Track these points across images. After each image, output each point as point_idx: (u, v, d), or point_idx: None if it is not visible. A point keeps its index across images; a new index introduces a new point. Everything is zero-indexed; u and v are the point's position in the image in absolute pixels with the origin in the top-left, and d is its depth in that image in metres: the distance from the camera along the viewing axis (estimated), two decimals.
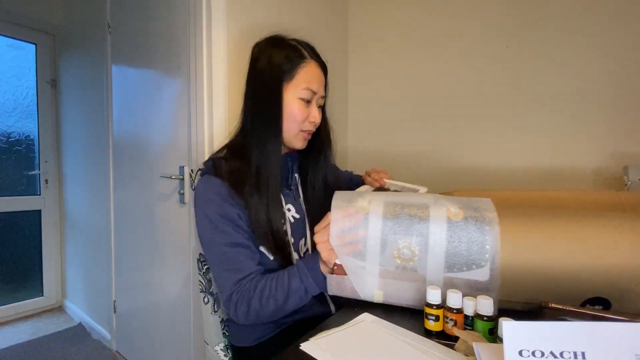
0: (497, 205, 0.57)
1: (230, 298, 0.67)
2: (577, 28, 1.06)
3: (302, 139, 0.77)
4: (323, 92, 0.77)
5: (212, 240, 0.69)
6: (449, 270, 0.54)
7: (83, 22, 1.89)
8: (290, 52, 0.73)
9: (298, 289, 0.64)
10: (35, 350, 1.70)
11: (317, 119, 0.75)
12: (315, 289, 0.64)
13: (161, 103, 1.29)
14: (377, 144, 1.53)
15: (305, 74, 0.72)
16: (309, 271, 0.64)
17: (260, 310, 0.64)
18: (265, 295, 0.64)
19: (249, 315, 0.66)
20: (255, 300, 0.65)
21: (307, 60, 0.73)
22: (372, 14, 1.54)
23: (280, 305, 0.64)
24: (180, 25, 1.16)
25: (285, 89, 0.72)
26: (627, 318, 0.48)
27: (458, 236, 0.54)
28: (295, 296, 0.64)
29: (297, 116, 0.73)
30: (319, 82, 0.75)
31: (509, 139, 1.20)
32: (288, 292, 0.64)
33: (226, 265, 0.68)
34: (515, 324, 0.34)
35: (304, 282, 0.64)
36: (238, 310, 0.66)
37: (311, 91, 0.73)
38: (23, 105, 2.12)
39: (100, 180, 1.72)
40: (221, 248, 0.68)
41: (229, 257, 0.67)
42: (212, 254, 0.70)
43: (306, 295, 0.65)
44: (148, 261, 1.40)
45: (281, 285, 0.65)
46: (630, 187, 0.89)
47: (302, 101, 0.73)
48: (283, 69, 0.72)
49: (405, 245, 0.56)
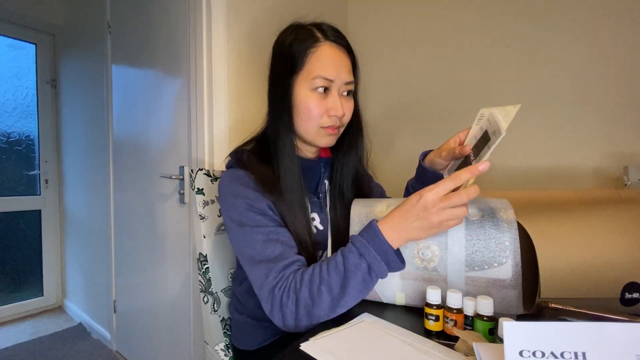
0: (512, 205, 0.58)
1: (273, 294, 0.53)
2: (577, 28, 1.06)
3: (325, 136, 0.65)
4: (347, 78, 0.64)
5: (242, 234, 0.59)
6: (470, 269, 0.54)
7: (83, 22, 1.89)
8: (301, 37, 0.63)
9: (357, 267, 0.50)
10: (35, 350, 1.70)
11: (339, 111, 0.63)
12: (381, 266, 0.50)
13: (161, 103, 1.29)
14: (376, 143, 1.53)
15: (318, 59, 0.62)
16: (369, 242, 0.50)
17: (313, 306, 0.51)
18: (316, 284, 0.51)
19: (299, 314, 0.51)
20: (305, 294, 0.51)
21: (320, 42, 0.62)
22: (372, 13, 1.54)
23: (337, 295, 0.50)
24: (180, 25, 1.16)
25: (296, 81, 0.63)
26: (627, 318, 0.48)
27: (477, 234, 0.54)
28: (356, 280, 0.50)
29: (312, 111, 0.62)
30: (336, 67, 0.62)
31: (508, 139, 1.19)
32: (345, 274, 0.50)
33: (261, 257, 0.57)
34: (516, 324, 0.34)
35: (364, 257, 0.50)
36: (285, 310, 0.52)
37: (325, 79, 0.61)
38: (23, 105, 2.12)
39: (100, 180, 1.72)
40: (254, 240, 0.58)
41: (264, 249, 0.57)
42: (244, 248, 0.59)
43: (370, 275, 0.50)
44: (148, 261, 1.40)
45: (334, 267, 0.51)
46: (630, 187, 0.89)
47: (316, 92, 0.62)
48: (292, 58, 0.62)
49: (425, 246, 0.56)
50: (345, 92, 0.66)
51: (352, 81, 0.66)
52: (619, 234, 0.56)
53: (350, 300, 0.52)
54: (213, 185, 0.87)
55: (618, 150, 1.01)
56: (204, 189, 0.86)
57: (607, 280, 0.53)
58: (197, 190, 0.86)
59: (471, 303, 0.50)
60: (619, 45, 1.00)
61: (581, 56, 1.06)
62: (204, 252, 0.85)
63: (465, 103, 1.29)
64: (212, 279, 0.84)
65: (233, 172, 0.65)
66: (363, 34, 1.57)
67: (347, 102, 0.66)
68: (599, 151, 1.04)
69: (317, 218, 0.69)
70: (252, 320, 0.75)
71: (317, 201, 0.70)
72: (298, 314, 0.52)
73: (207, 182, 0.87)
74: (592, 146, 1.05)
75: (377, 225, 0.51)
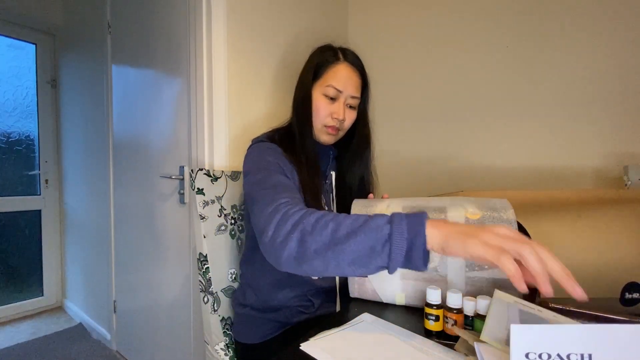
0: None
1: (275, 212, 0.51)
2: (577, 28, 1.06)
3: (325, 134, 0.80)
4: (353, 93, 0.79)
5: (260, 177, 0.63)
6: (470, 269, 0.54)
7: (83, 22, 1.89)
8: (326, 55, 0.79)
9: (377, 228, 0.43)
10: (35, 350, 1.70)
11: (340, 115, 0.77)
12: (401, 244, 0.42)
13: (161, 103, 1.29)
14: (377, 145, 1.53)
15: (333, 73, 0.78)
16: (407, 216, 0.44)
17: (311, 231, 0.46)
18: (326, 217, 0.47)
19: (291, 235, 0.47)
20: (311, 218, 0.48)
21: (339, 62, 0.79)
22: (372, 13, 1.54)
23: (340, 238, 0.44)
24: (180, 25, 1.16)
25: (315, 86, 0.79)
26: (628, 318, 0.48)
27: None
28: (367, 237, 0.43)
29: (319, 110, 0.78)
30: (345, 82, 0.77)
31: (508, 139, 1.20)
32: (361, 225, 0.44)
33: (274, 183, 0.60)
34: (522, 327, 0.34)
35: (392, 225, 0.43)
36: (281, 225, 0.49)
37: (335, 89, 0.77)
38: (23, 105, 2.12)
39: (100, 180, 1.72)
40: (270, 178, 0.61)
41: (278, 181, 0.61)
42: (256, 185, 0.62)
43: (383, 247, 0.42)
44: (148, 261, 1.40)
45: (355, 216, 0.47)
46: (630, 187, 0.89)
47: (326, 98, 0.78)
48: (315, 69, 0.79)
49: None
50: (350, 105, 0.80)
51: (357, 97, 0.80)
52: (619, 234, 0.56)
53: (344, 257, 0.44)
54: (213, 185, 0.87)
55: (618, 150, 1.01)
56: (204, 189, 0.86)
57: (607, 280, 0.54)
58: (197, 190, 0.86)
59: (471, 303, 0.50)
60: (619, 45, 1.00)
61: (581, 56, 1.06)
62: (204, 252, 0.85)
63: (465, 103, 1.29)
64: (212, 279, 0.84)
65: (263, 144, 0.75)
66: (363, 34, 1.57)
67: (350, 112, 0.81)
68: (599, 151, 1.04)
69: (323, 199, 0.79)
70: (255, 313, 0.76)
71: (324, 185, 0.83)
72: (290, 235, 0.48)
73: (207, 182, 0.87)
74: (592, 146, 1.05)
75: (426, 214, 0.44)
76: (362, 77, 0.82)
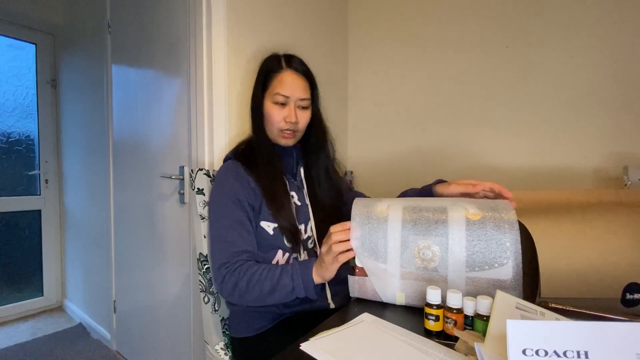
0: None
1: (219, 270, 0.72)
2: (577, 28, 1.06)
3: (283, 137, 0.85)
4: (301, 96, 0.84)
5: (214, 218, 0.77)
6: (471, 269, 0.54)
7: (83, 22, 1.89)
8: (271, 65, 0.85)
9: (285, 285, 0.68)
10: (35, 350, 1.70)
11: (292, 119, 0.82)
12: (301, 291, 0.67)
13: (161, 103, 1.29)
14: (378, 147, 1.53)
15: (279, 82, 0.83)
16: (301, 273, 0.68)
17: (244, 292, 0.69)
18: (253, 281, 0.69)
19: (233, 293, 0.70)
20: (243, 282, 0.69)
21: (282, 70, 0.84)
22: (372, 14, 1.54)
23: (265, 294, 0.68)
24: (180, 25, 1.16)
25: (266, 96, 0.85)
26: (627, 318, 0.48)
27: (477, 235, 0.54)
28: (281, 292, 0.68)
29: (272, 118, 0.83)
30: (291, 87, 0.82)
31: (508, 139, 1.20)
32: (276, 285, 0.68)
33: (222, 239, 0.74)
34: (519, 323, 0.34)
35: (293, 281, 0.68)
36: (224, 284, 0.71)
37: (283, 95, 0.82)
38: (23, 105, 2.12)
39: (100, 180, 1.72)
40: (221, 225, 0.75)
41: (226, 231, 0.74)
42: (212, 228, 0.77)
43: (292, 293, 0.68)
44: (148, 261, 1.40)
45: (271, 277, 0.68)
46: (630, 187, 0.89)
47: (276, 105, 0.83)
48: (264, 80, 0.85)
49: (426, 246, 0.56)
50: (301, 106, 0.85)
51: (306, 98, 0.85)
52: (619, 234, 0.56)
53: (272, 301, 0.69)
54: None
55: (618, 150, 1.01)
56: (204, 189, 0.86)
57: (608, 280, 0.54)
58: (197, 190, 0.86)
59: (471, 303, 0.50)
60: (619, 45, 1.00)
61: (581, 56, 1.06)
62: (204, 252, 0.85)
63: (465, 103, 1.29)
64: (212, 279, 0.84)
65: (228, 163, 0.84)
66: (363, 34, 1.57)
67: (302, 113, 0.86)
68: (599, 151, 1.04)
69: (295, 196, 0.85)
70: (248, 307, 0.77)
71: (294, 182, 0.88)
72: (232, 293, 0.70)
73: (207, 182, 0.87)
74: (592, 146, 1.05)
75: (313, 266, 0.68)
76: (308, 79, 0.86)
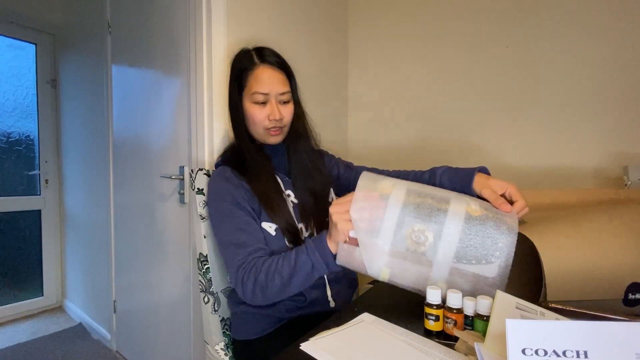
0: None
1: (237, 273, 0.68)
2: (577, 28, 1.06)
3: (270, 137, 0.82)
4: (281, 90, 0.79)
5: (218, 225, 0.75)
6: (458, 260, 0.54)
7: (83, 22, 1.89)
8: (242, 64, 0.81)
9: (304, 263, 0.64)
10: (35, 350, 1.70)
11: (276, 116, 0.78)
12: (322, 266, 0.63)
13: (161, 103, 1.29)
14: (378, 144, 1.53)
15: (255, 79, 0.78)
16: (316, 247, 0.64)
17: (266, 286, 0.65)
18: (272, 271, 0.65)
19: (255, 291, 0.66)
20: (262, 275, 0.65)
21: (256, 65, 0.79)
22: (372, 13, 1.54)
23: (286, 281, 0.64)
24: (180, 25, 1.16)
25: (243, 97, 0.81)
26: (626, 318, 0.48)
27: (476, 231, 0.54)
28: (302, 272, 0.64)
29: (254, 118, 0.79)
30: (270, 83, 0.78)
31: (508, 138, 1.20)
32: (295, 266, 0.64)
33: (231, 243, 0.72)
34: (519, 323, 0.34)
35: (310, 258, 0.64)
36: (245, 286, 0.67)
37: (261, 94, 0.78)
38: (23, 105, 2.12)
39: (100, 180, 1.72)
40: (227, 229, 0.73)
41: (235, 236, 0.72)
42: (218, 233, 0.75)
43: (313, 271, 0.64)
44: (148, 261, 1.40)
45: (288, 261, 0.65)
46: (630, 187, 0.89)
47: (257, 104, 0.79)
48: (239, 80, 0.81)
49: (420, 230, 0.56)
50: (282, 101, 0.81)
51: (286, 91, 0.81)
52: (620, 234, 0.56)
53: (296, 287, 0.65)
54: None
55: (618, 150, 1.01)
56: (204, 189, 0.86)
57: (610, 281, 0.53)
58: (197, 190, 0.86)
59: (471, 303, 0.50)
60: (619, 45, 1.00)
61: (581, 56, 1.06)
62: (204, 252, 0.85)
63: (465, 103, 1.29)
64: (212, 279, 0.84)
65: (218, 169, 0.81)
66: (363, 34, 1.57)
67: (286, 108, 0.81)
68: (599, 151, 1.04)
69: (291, 194, 0.83)
70: (251, 309, 0.77)
71: (289, 180, 0.84)
72: (255, 292, 0.66)
73: (207, 182, 0.87)
74: (592, 146, 1.05)
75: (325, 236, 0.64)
76: (284, 71, 0.82)
